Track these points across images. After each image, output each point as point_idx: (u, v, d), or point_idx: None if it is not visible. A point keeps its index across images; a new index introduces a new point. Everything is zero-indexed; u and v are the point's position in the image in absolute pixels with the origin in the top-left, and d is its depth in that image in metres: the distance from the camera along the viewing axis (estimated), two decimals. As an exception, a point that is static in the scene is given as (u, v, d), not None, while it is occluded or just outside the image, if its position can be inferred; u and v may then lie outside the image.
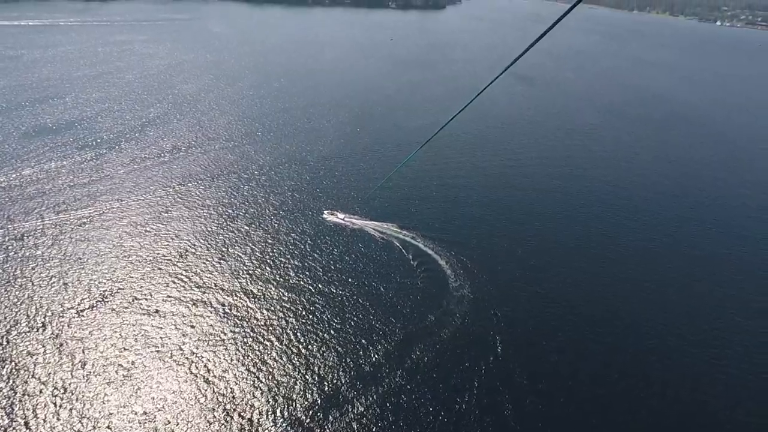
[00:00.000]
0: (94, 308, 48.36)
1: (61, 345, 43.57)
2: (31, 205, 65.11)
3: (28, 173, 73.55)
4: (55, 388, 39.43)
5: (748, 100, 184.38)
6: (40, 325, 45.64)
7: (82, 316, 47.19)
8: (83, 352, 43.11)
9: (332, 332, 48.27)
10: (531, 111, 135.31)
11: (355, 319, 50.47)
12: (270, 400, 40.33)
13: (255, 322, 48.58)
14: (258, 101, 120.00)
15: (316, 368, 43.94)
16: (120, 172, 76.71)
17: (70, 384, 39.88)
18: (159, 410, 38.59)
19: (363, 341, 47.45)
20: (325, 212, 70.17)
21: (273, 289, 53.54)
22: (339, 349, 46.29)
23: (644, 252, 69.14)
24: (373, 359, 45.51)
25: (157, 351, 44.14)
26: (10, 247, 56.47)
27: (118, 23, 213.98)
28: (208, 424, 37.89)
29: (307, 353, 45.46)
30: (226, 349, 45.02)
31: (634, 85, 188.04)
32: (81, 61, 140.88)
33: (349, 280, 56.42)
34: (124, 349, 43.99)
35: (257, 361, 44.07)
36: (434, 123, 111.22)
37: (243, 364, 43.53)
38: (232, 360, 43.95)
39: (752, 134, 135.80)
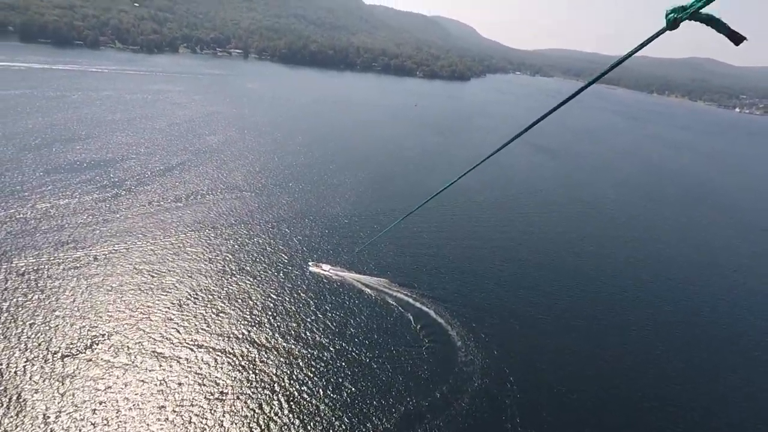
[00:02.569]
0: (81, 354, 45.43)
1: (43, 389, 40.33)
2: (40, 240, 64.25)
3: (43, 207, 73.65)
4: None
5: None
6: (22, 368, 42.74)
7: (67, 361, 44.16)
8: (62, 397, 39.71)
9: (328, 402, 43.93)
10: (549, 181, 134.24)
11: (354, 387, 46.35)
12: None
13: (249, 376, 44.76)
14: (281, 155, 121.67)
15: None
16: (133, 215, 76.23)
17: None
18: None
19: (361, 416, 42.81)
20: (327, 266, 67.93)
21: (271, 346, 50.03)
22: (333, 421, 41.69)
23: (664, 334, 64.26)
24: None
25: (148, 399, 40.53)
26: (9, 281, 54.64)
27: (158, 73, 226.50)
28: None
29: (302, 424, 40.98)
30: (223, 401, 41.26)
31: (655, 164, 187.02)
32: (116, 105, 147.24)
33: (350, 344, 52.59)
34: (110, 395, 40.48)
35: (253, 414, 39.86)
36: (454, 187, 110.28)
37: (240, 417, 39.40)
38: (229, 413, 40.01)
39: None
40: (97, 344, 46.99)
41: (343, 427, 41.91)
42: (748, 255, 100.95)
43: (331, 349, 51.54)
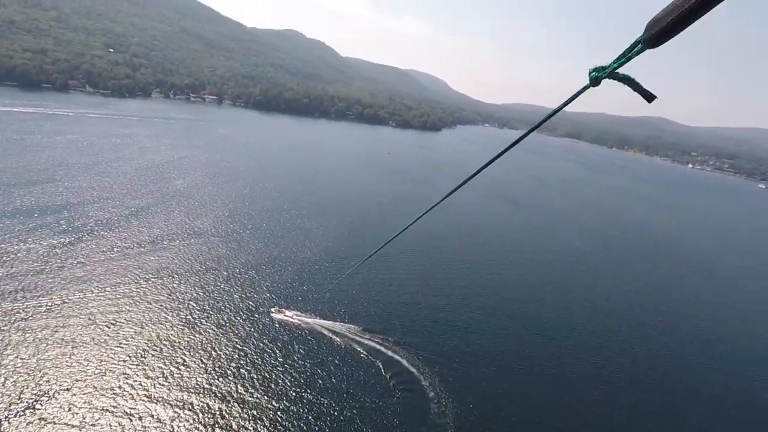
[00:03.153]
0: (21, 416, 41.16)
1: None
2: (-13, 289, 59.77)
3: (-7, 254, 69.17)
4: None
5: (729, 239, 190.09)
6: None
7: (3, 425, 39.85)
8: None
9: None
10: (517, 230, 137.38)
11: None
12: None
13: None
14: (251, 200, 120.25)
15: None
16: (91, 262, 72.57)
17: None
18: None
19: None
20: (292, 312, 65.85)
21: (234, 399, 46.95)
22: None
23: (632, 380, 64.41)
24: None
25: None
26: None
27: (127, 118, 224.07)
28: None
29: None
30: None
31: (617, 215, 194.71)
32: (82, 148, 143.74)
33: (319, 395, 50.04)
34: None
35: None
36: (424, 234, 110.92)
37: None
38: None
39: (738, 274, 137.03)
40: (41, 404, 42.93)
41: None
42: (713, 304, 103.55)
43: (298, 402, 48.87)
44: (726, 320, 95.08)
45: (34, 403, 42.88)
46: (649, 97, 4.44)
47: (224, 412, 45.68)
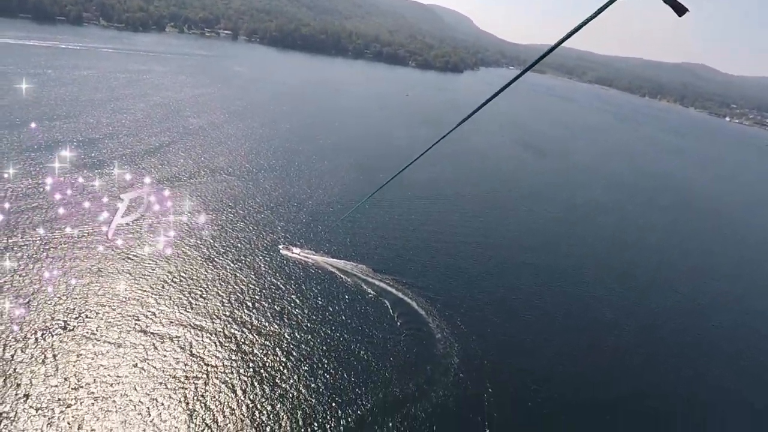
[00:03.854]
0: (53, 335, 44.43)
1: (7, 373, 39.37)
2: (20, 219, 62.56)
3: (22, 187, 71.45)
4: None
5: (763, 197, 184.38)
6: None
7: (39, 342, 43.15)
8: (30, 381, 38.92)
9: (304, 384, 43.90)
10: (540, 179, 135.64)
11: (332, 371, 46.65)
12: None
13: (216, 369, 44.44)
14: (266, 140, 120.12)
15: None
16: (114, 197, 74.06)
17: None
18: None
19: (338, 400, 42.96)
20: (303, 251, 67.47)
21: (249, 329, 49.73)
22: (304, 411, 41.63)
23: (646, 336, 65.22)
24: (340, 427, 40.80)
25: (110, 389, 40.09)
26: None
27: (142, 53, 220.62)
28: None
29: (269, 421, 40.73)
30: (183, 395, 40.79)
31: (646, 167, 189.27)
32: (97, 84, 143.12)
33: (330, 329, 52.72)
34: (76, 384, 39.82)
35: (212, 409, 39.54)
36: (438, 178, 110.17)
37: (195, 413, 39.04)
38: (186, 408, 39.54)
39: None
40: (73, 325, 46.10)
41: (321, 408, 41.91)
42: (742, 261, 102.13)
43: (310, 333, 51.48)
44: (755, 278, 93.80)
45: (67, 323, 46.09)
46: (680, 9, 4.33)
47: (240, 339, 48.50)
